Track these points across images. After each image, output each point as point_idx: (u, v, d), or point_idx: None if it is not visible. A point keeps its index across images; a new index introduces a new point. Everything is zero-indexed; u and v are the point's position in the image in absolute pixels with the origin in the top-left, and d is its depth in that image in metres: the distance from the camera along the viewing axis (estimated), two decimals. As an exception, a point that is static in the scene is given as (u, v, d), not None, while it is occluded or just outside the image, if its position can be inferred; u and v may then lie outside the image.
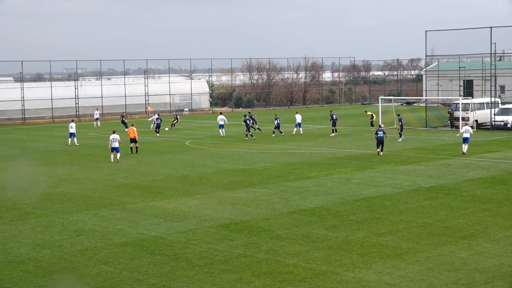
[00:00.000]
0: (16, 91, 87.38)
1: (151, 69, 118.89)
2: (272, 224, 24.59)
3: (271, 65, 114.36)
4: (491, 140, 52.64)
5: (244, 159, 43.28)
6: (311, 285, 17.59)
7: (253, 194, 30.70)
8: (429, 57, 76.87)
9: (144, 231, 23.83)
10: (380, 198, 29.06)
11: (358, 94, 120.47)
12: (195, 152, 47.94)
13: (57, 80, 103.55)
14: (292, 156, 44.47)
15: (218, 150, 48.61)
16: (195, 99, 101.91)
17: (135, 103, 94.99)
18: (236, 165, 40.54)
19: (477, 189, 30.84)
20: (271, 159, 42.98)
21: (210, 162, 42.16)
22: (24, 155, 49.14)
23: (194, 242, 22.10)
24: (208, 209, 27.40)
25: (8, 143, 57.82)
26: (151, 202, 29.26)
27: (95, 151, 49.81)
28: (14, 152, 50.85)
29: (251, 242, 22.03)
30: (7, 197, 31.26)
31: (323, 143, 52.25)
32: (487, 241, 21.54)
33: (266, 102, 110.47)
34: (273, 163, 40.82)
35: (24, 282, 18.45)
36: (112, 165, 41.64)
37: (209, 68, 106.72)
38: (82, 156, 46.64)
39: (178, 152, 47.58)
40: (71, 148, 52.44)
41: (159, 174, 37.57)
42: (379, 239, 22.11)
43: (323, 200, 28.79)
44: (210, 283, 17.86)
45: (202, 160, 42.96)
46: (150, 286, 17.79)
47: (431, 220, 24.77)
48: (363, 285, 17.50)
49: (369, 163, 40.09)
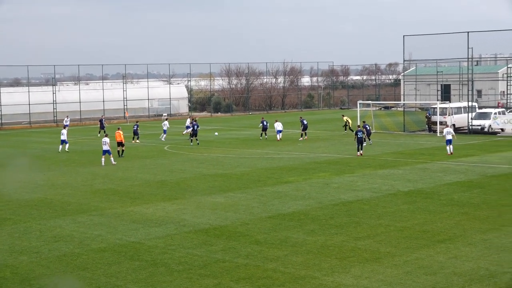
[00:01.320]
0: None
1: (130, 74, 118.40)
2: (251, 229, 24.58)
3: (250, 69, 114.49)
4: (468, 144, 52.97)
5: (223, 164, 43.24)
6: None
7: (232, 199, 30.68)
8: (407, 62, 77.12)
9: (122, 237, 23.73)
10: (358, 203, 29.15)
11: (337, 98, 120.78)
12: (174, 157, 47.82)
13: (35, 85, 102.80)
14: (271, 160, 44.49)
15: (197, 155, 48.53)
16: (173, 104, 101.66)
17: (114, 108, 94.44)
18: (214, 170, 40.50)
19: (455, 193, 31.01)
20: (250, 163, 42.98)
21: (189, 167, 42.08)
22: (0, 161, 48.74)
23: (172, 248, 22.04)
24: (186, 214, 27.34)
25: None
26: (130, 207, 29.14)
27: (73, 156, 49.53)
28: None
29: (230, 247, 22.01)
30: (-17, 203, 31.00)
31: (301, 147, 52.32)
32: (465, 245, 21.66)
33: (245, 106, 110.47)
34: (252, 168, 40.82)
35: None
36: (91, 169, 41.42)
37: (187, 73, 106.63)
38: (59, 162, 46.36)
39: (156, 157, 47.43)
40: (48, 154, 52.09)
41: (137, 179, 37.44)
42: (358, 243, 22.16)
43: (302, 205, 28.82)
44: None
45: (181, 165, 42.87)
46: (129, 292, 17.72)
47: (409, 224, 24.87)
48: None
49: (348, 168, 40.21)
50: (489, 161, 41.95)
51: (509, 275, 18.45)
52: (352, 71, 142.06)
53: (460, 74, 70.99)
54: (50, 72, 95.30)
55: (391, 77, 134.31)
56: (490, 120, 61.85)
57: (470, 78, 65.20)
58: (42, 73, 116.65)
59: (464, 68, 70.54)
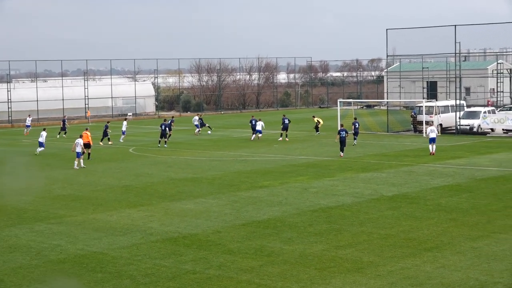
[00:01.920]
0: None
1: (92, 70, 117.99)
2: (223, 237, 24.54)
3: (222, 65, 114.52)
4: (456, 145, 53.34)
5: (193, 167, 43.17)
6: (265, 303, 17.59)
7: (203, 205, 30.62)
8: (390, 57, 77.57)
9: (84, 247, 23.57)
10: (339, 208, 29.21)
11: (315, 96, 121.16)
12: (139, 160, 47.67)
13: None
14: (245, 163, 44.49)
15: (165, 157, 48.40)
16: (139, 102, 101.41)
17: (74, 107, 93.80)
18: (184, 174, 40.42)
19: (442, 198, 31.19)
20: (222, 167, 42.95)
21: (156, 170, 41.96)
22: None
23: (138, 258, 21.93)
24: (154, 222, 27.24)
25: None
26: (92, 215, 28.97)
27: (30, 159, 49.18)
28: None
29: (201, 257, 21.95)
30: None
31: (277, 149, 52.39)
32: (453, 253, 21.77)
33: (216, 105, 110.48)
34: (224, 172, 40.80)
35: (-50, 304, 18.12)
36: (50, 173, 41.19)
37: (154, 69, 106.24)
38: (15, 165, 46.02)
39: (121, 160, 47.24)
40: (4, 156, 51.66)
41: (100, 184, 37.25)
42: (339, 252, 22.20)
43: (278, 211, 28.83)
44: (156, 303, 17.74)
45: (148, 169, 42.74)
46: (91, 306, 17.61)
47: (394, 231, 24.96)
48: (321, 302, 17.55)
49: (328, 171, 40.31)
50: (478, 164, 42.27)
51: (501, 285, 18.57)
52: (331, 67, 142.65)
53: (447, 70, 71.52)
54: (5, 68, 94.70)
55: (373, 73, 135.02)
56: (479, 120, 62.21)
57: (458, 74, 65.62)
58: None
59: (451, 64, 71.18)
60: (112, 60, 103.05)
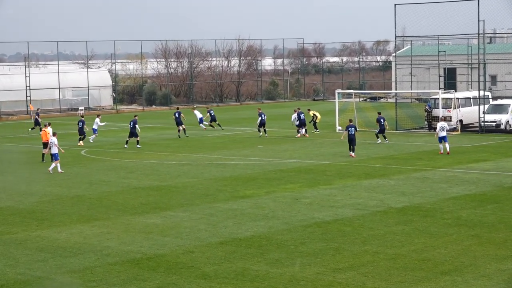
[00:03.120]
0: None
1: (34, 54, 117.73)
2: (197, 258, 24.59)
3: (194, 49, 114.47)
4: (479, 146, 53.56)
5: (160, 173, 43.22)
6: (248, 338, 17.67)
7: (172, 219, 30.67)
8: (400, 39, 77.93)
9: (25, 271, 23.56)
10: (338, 223, 29.31)
11: (309, 87, 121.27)
12: (93, 164, 47.65)
13: None
14: (223, 168, 44.57)
15: (125, 161, 48.43)
16: (93, 94, 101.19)
17: (12, 100, 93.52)
18: (148, 181, 40.47)
19: (463, 210, 31.34)
20: (195, 172, 43.01)
21: (114, 177, 41.98)
22: None
23: (93, 284, 21.95)
24: (111, 240, 27.26)
25: None
26: (35, 231, 28.95)
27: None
28: None
29: (169, 282, 22.00)
30: None
31: (262, 151, 52.47)
32: (476, 277, 21.89)
33: (187, 97, 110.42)
34: (198, 178, 40.87)
35: None
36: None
37: (111, 54, 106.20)
38: None
39: (70, 165, 47.16)
40: None
41: (45, 193, 37.23)
42: (337, 276, 22.29)
43: (264, 226, 28.92)
44: (115, 338, 17.79)
45: (104, 175, 42.75)
46: None
47: (404, 250, 25.07)
48: (316, 337, 17.64)
49: (324, 177, 40.42)
50: (507, 168, 42.48)
51: (533, 315, 18.69)
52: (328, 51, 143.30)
53: (468, 54, 71.68)
54: None
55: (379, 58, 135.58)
56: (507, 115, 62.41)
57: (482, 59, 65.74)
58: None
59: (473, 47, 71.26)
60: (60, 42, 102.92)
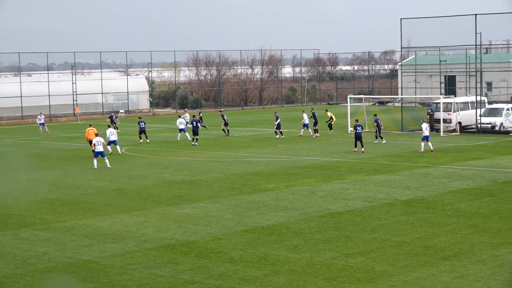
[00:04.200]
0: None
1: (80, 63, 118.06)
2: (224, 244, 24.63)
3: (222, 58, 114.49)
4: (476, 145, 53.34)
5: (191, 169, 43.26)
6: (270, 315, 17.70)
7: (202, 209, 30.72)
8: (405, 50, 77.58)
9: (73, 255, 23.67)
10: (349, 214, 29.29)
11: (323, 92, 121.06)
12: (132, 161, 47.75)
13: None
14: (247, 165, 44.58)
15: (160, 158, 48.50)
16: (132, 98, 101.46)
17: (61, 104, 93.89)
18: (181, 176, 40.51)
19: (461, 202, 31.25)
20: (223, 168, 43.03)
21: (151, 172, 42.06)
22: None
23: (132, 267, 22.03)
24: (148, 228, 27.33)
25: None
26: (81, 220, 29.07)
27: (13, 161, 49.30)
28: None
29: (200, 266, 22.05)
30: None
31: (283, 150, 52.44)
32: (473, 262, 21.83)
33: (216, 102, 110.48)
34: (225, 174, 40.88)
35: None
36: (35, 176, 41.27)
37: (148, 63, 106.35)
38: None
39: (113, 162, 47.23)
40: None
41: (90, 187, 37.36)
42: (349, 260, 22.29)
43: (284, 216, 28.92)
44: (152, 315, 17.86)
45: (141, 171, 42.84)
46: (81, 319, 17.74)
47: (409, 238, 25.03)
48: (330, 314, 17.66)
49: (337, 173, 40.38)
50: (501, 165, 42.29)
51: (524, 296, 18.65)
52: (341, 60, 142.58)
53: (467, 63, 71.26)
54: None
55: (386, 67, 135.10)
56: (501, 118, 62.30)
57: (479, 68, 65.53)
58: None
59: (471, 57, 70.88)
60: (102, 52, 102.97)
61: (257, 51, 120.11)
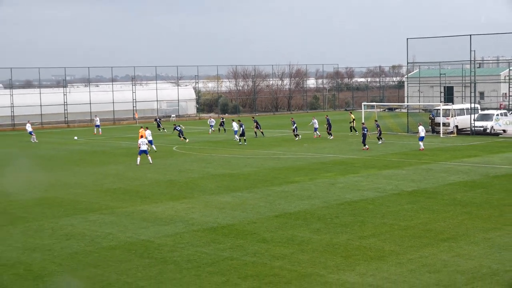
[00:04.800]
0: (5, 97, 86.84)
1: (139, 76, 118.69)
2: (258, 227, 24.62)
3: (256, 72, 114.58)
4: (470, 145, 52.91)
5: (230, 164, 43.29)
6: (296, 287, 17.64)
7: (239, 198, 30.73)
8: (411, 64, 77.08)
9: (132, 235, 23.81)
10: (363, 202, 29.16)
11: (342, 100, 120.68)
12: (182, 157, 47.89)
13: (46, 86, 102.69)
14: (277, 161, 44.53)
15: (205, 155, 48.60)
16: (182, 105, 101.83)
17: (123, 110, 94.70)
18: (222, 170, 40.55)
19: (458, 193, 31.00)
20: (257, 164, 43.02)
21: (197, 167, 42.15)
22: (14, 161, 48.90)
23: (181, 246, 22.10)
24: (195, 213, 27.40)
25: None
26: (139, 206, 29.22)
27: (84, 156, 49.68)
28: (3, 158, 50.60)
29: (238, 245, 22.07)
30: (-3, 202, 31.16)
31: (307, 148, 52.35)
32: (467, 244, 21.67)
33: (251, 108, 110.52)
34: (259, 168, 40.87)
35: (14, 285, 18.42)
36: (102, 169, 41.56)
37: (195, 75, 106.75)
38: (70, 162, 46.53)
39: (165, 157, 47.51)
40: (60, 154, 52.28)
41: (147, 179, 37.53)
42: (363, 241, 22.19)
43: (308, 204, 28.86)
44: (198, 286, 17.88)
45: (189, 165, 42.94)
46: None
47: (413, 223, 24.88)
48: (347, 287, 17.56)
49: (353, 168, 40.22)
50: (492, 162, 41.90)
51: (511, 273, 18.45)
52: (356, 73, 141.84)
53: (462, 76, 70.83)
54: (61, 74, 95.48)
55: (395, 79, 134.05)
56: (492, 122, 61.74)
57: (473, 80, 65.13)
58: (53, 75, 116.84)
59: (466, 71, 70.41)
60: (157, 66, 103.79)
61: (286, 65, 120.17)
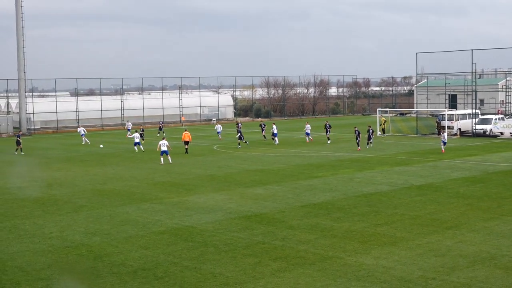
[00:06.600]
0: (71, 104, 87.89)
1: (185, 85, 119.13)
2: (286, 216, 24.56)
3: (286, 81, 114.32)
4: (472, 145, 52.31)
5: (262, 161, 43.25)
6: (319, 267, 17.56)
7: (270, 190, 30.68)
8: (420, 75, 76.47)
9: (178, 222, 23.88)
10: (377, 194, 28.95)
11: (359, 106, 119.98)
12: (221, 155, 47.98)
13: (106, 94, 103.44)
14: (303, 158, 44.38)
15: (241, 153, 48.62)
16: (221, 110, 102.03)
17: (171, 114, 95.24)
18: (255, 166, 40.53)
19: (460, 187, 30.64)
20: (285, 161, 42.92)
21: (234, 163, 42.18)
22: (77, 157, 49.40)
23: (220, 231, 22.12)
24: (232, 203, 27.41)
25: (65, 148, 58.18)
26: (185, 197, 29.31)
27: (137, 155, 50.02)
28: (69, 155, 51.14)
29: (269, 231, 22.02)
30: (63, 192, 31.46)
31: (329, 148, 52.12)
32: (469, 231, 21.40)
33: (281, 113, 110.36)
34: (287, 165, 40.77)
35: (78, 264, 18.58)
36: (152, 165, 41.78)
37: (233, 84, 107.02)
38: (126, 159, 46.86)
39: (207, 155, 47.63)
40: (117, 152, 52.68)
41: (191, 173, 37.63)
42: (377, 229, 22.02)
43: (329, 196, 28.72)
44: (234, 266, 17.87)
45: (227, 162, 42.99)
46: (183, 268, 17.82)
47: (421, 213, 24.63)
48: (363, 268, 17.44)
49: (368, 165, 39.94)
50: (490, 160, 41.36)
51: (508, 257, 18.19)
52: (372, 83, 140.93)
53: (465, 85, 70.13)
54: (119, 84, 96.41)
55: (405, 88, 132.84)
56: (491, 125, 61.15)
57: (474, 89, 64.57)
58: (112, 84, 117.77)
59: (468, 81, 69.70)
60: (200, 77, 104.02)
61: (311, 76, 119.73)
